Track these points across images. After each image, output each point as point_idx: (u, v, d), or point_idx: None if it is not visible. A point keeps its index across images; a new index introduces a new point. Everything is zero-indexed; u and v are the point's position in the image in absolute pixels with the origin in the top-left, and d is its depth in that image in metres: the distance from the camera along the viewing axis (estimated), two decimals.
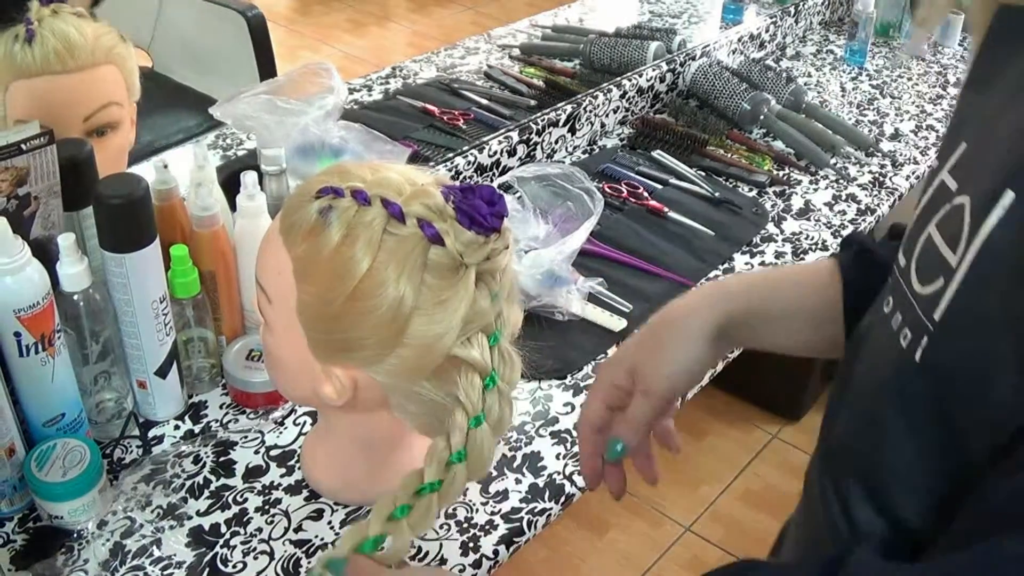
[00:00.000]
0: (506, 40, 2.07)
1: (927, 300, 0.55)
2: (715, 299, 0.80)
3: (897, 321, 0.58)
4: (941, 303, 0.53)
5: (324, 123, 1.27)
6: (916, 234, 0.59)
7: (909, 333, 0.56)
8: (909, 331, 0.56)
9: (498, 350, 0.82)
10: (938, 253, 0.55)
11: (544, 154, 1.67)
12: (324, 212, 0.79)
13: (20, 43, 1.05)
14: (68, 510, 0.94)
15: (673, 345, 0.78)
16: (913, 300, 0.57)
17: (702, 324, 0.79)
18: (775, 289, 0.82)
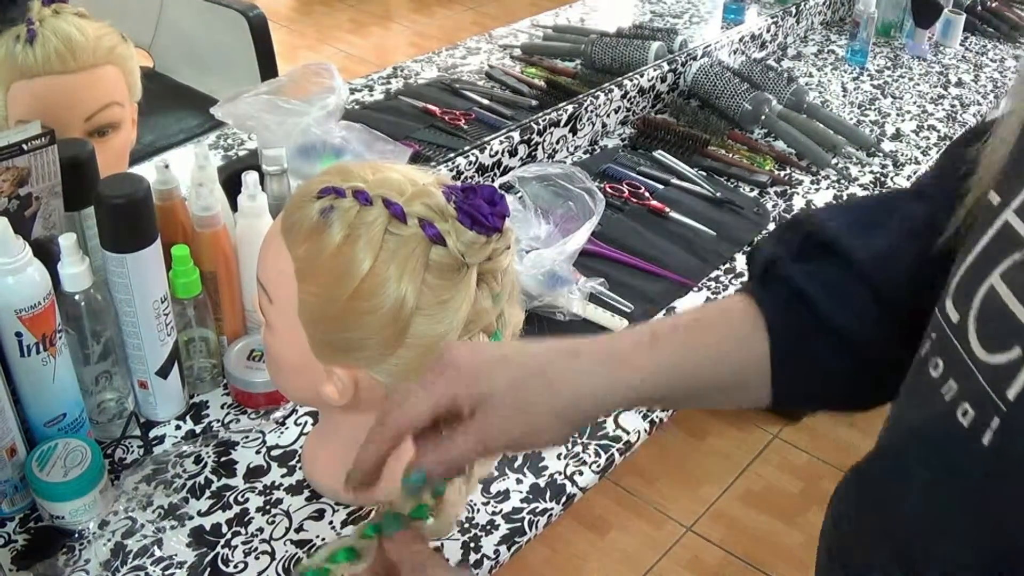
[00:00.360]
0: (507, 40, 2.07)
1: (997, 372, 0.46)
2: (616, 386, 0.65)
3: (952, 392, 0.49)
4: (1019, 378, 0.45)
5: (325, 123, 1.27)
6: (972, 283, 0.50)
7: (971, 410, 0.47)
8: (971, 407, 0.48)
9: None
10: (1010, 314, 0.46)
11: (545, 154, 1.67)
12: (325, 212, 0.79)
13: (21, 43, 1.06)
14: (69, 510, 0.94)
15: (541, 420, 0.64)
16: (975, 368, 0.48)
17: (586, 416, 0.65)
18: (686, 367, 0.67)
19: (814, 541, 0.67)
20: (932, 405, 0.50)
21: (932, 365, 0.52)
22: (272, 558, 0.94)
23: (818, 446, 2.37)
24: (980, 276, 0.49)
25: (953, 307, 0.51)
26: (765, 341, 0.67)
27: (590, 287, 1.32)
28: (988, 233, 0.50)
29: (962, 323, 0.50)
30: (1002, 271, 0.48)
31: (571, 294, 1.29)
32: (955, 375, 0.49)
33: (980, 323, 0.49)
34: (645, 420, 1.14)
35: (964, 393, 0.48)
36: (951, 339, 0.51)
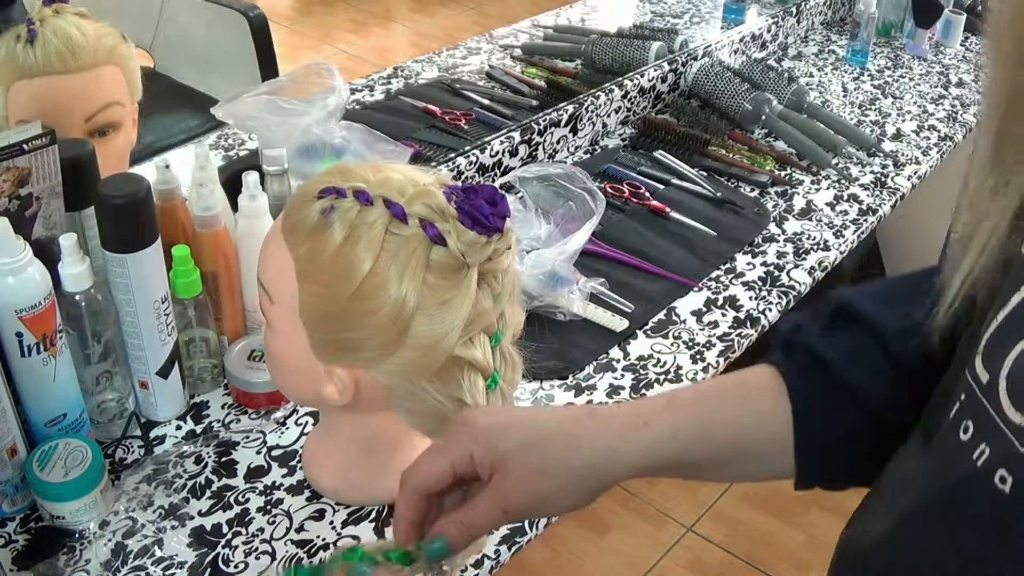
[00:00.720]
0: (508, 40, 2.07)
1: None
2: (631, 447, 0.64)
3: (985, 456, 0.47)
4: None
5: (326, 123, 1.27)
6: (1004, 343, 0.48)
7: (1009, 476, 0.45)
8: (1008, 474, 0.45)
9: (500, 351, 0.82)
10: None
11: (546, 154, 1.67)
12: (326, 212, 0.79)
13: (22, 43, 1.06)
14: (70, 510, 0.94)
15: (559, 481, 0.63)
16: (1008, 431, 0.46)
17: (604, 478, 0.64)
18: (706, 432, 0.66)
19: (814, 541, 0.67)
20: (966, 468, 0.48)
21: (963, 429, 0.49)
22: (273, 558, 0.94)
23: None
24: (1013, 335, 0.47)
25: (983, 367, 0.49)
26: (787, 406, 0.66)
27: (590, 287, 1.32)
28: (1021, 290, 0.48)
29: (992, 384, 0.48)
30: None
31: (571, 294, 1.28)
32: (988, 439, 0.47)
33: (1012, 384, 0.46)
34: None
35: (1000, 458, 0.46)
36: (981, 401, 0.48)
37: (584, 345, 1.25)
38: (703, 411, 0.66)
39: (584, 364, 1.22)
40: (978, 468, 0.47)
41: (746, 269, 1.45)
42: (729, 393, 0.68)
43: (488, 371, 0.80)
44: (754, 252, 1.49)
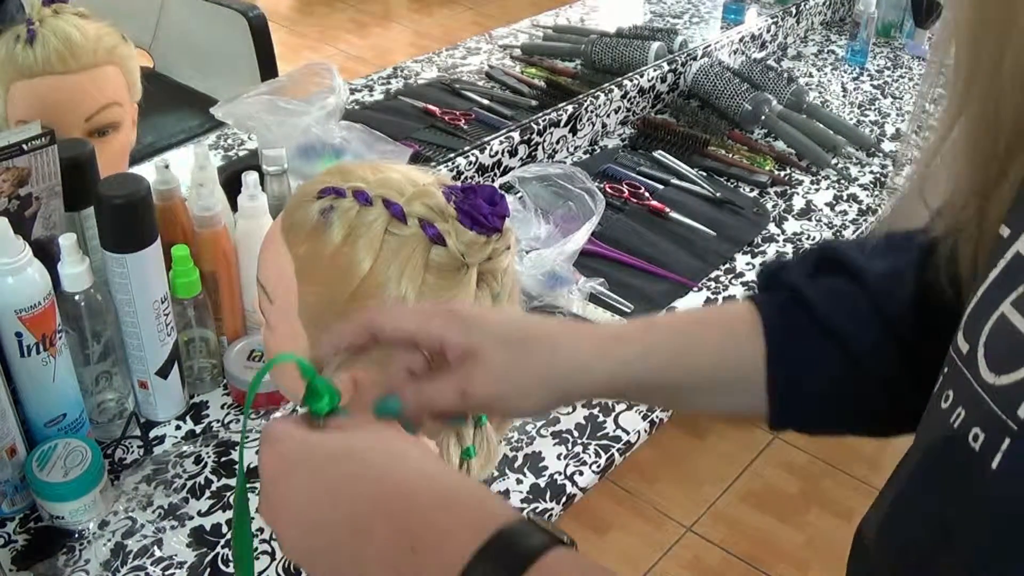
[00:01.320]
0: (507, 40, 2.07)
1: (1005, 392, 0.45)
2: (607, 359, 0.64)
3: (960, 418, 0.48)
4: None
5: (325, 123, 1.27)
6: (982, 314, 0.49)
7: (981, 433, 0.46)
8: (981, 431, 0.46)
9: None
10: (1019, 335, 0.46)
11: (545, 154, 1.67)
12: (326, 212, 0.79)
13: (21, 43, 1.06)
14: (69, 510, 0.94)
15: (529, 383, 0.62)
16: (983, 393, 0.47)
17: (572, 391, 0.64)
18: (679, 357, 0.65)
19: (814, 541, 0.67)
20: (942, 433, 0.49)
21: (944, 398, 0.51)
22: (272, 558, 0.94)
23: (818, 446, 2.37)
24: (990, 307, 0.48)
25: (963, 339, 0.50)
26: (761, 341, 0.65)
27: (590, 287, 1.32)
28: (999, 265, 0.49)
29: (971, 353, 0.49)
30: (1013, 299, 0.47)
31: (571, 294, 1.29)
32: (964, 402, 0.48)
33: (989, 348, 0.48)
34: (645, 420, 1.14)
35: (973, 418, 0.47)
36: (962, 370, 0.49)
37: None
38: (678, 336, 0.66)
39: None
40: (955, 430, 0.48)
41: (745, 269, 1.45)
42: (707, 323, 0.68)
43: None
44: (753, 252, 1.49)
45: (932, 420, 0.52)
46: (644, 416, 1.14)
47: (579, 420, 1.13)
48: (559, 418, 1.13)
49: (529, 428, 1.11)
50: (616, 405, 1.15)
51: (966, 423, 0.47)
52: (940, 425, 0.50)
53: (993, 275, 0.50)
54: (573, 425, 1.12)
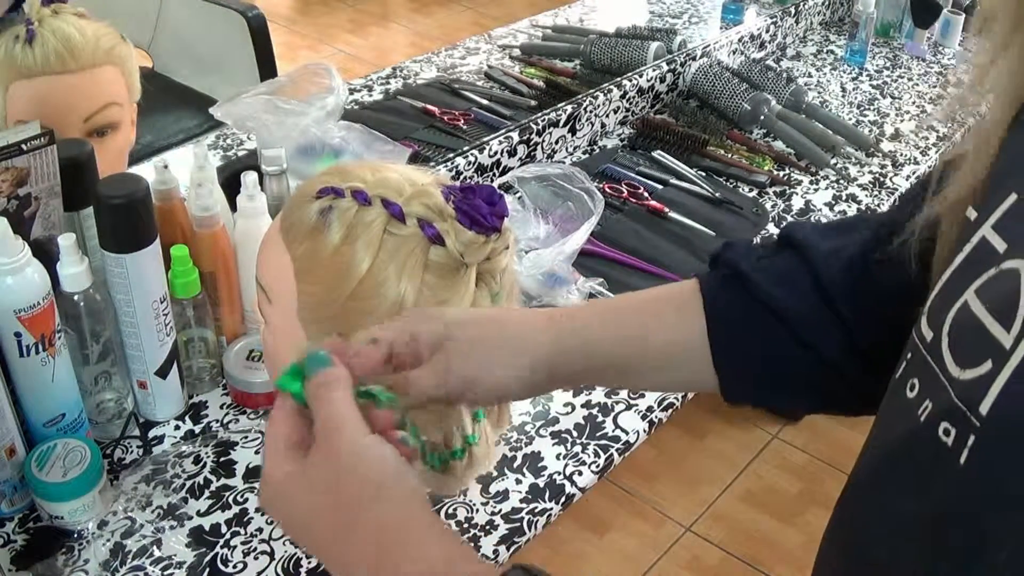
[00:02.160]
0: (506, 40, 2.07)
1: (969, 387, 0.45)
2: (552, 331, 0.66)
3: (928, 411, 0.47)
4: (991, 392, 0.43)
5: (324, 123, 1.27)
6: (946, 300, 0.49)
7: (952, 428, 0.45)
8: (951, 426, 0.45)
9: None
10: (983, 328, 0.45)
11: (544, 154, 1.67)
12: (325, 212, 0.79)
13: (21, 43, 1.06)
14: (68, 510, 0.94)
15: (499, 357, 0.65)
16: (948, 385, 0.46)
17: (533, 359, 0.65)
18: (618, 328, 0.68)
19: (813, 541, 0.67)
20: (909, 425, 0.48)
21: (909, 387, 0.50)
22: (271, 558, 0.94)
23: (818, 446, 2.37)
24: (954, 293, 0.48)
25: (927, 326, 0.50)
26: (702, 317, 0.68)
27: (589, 287, 1.32)
28: (964, 250, 0.49)
29: (935, 341, 0.48)
30: (977, 287, 0.47)
31: (570, 294, 1.28)
32: (930, 394, 0.47)
33: (953, 339, 0.47)
34: (644, 420, 1.14)
35: (941, 412, 0.46)
36: (926, 358, 0.49)
37: None
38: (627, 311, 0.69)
39: None
40: (921, 423, 0.47)
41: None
42: (656, 300, 0.71)
43: None
44: None
45: (897, 408, 0.51)
46: (643, 416, 1.14)
47: (578, 420, 1.13)
48: (558, 418, 1.13)
49: (528, 428, 1.11)
50: (615, 405, 1.15)
51: (934, 416, 0.47)
52: (906, 415, 0.49)
53: (958, 260, 0.49)
54: (572, 425, 1.12)
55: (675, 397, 1.17)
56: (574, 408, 1.15)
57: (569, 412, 1.14)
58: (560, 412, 1.14)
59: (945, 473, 0.45)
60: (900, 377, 0.52)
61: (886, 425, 0.54)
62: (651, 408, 1.16)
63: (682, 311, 0.68)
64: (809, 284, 0.65)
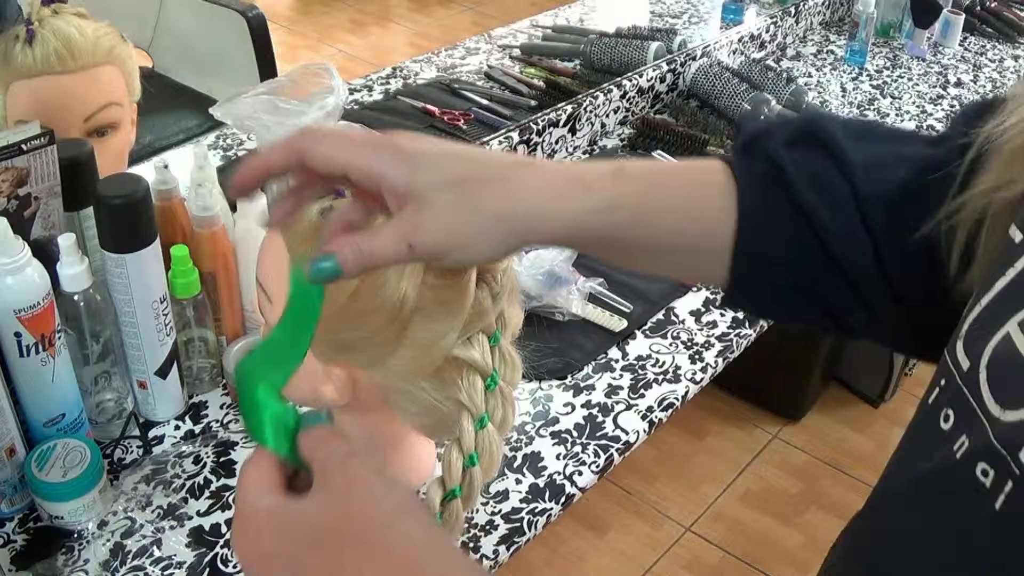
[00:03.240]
0: (506, 40, 2.07)
1: (1010, 431, 0.42)
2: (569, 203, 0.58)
3: (964, 448, 0.44)
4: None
5: (324, 123, 1.27)
6: (985, 328, 0.45)
7: (991, 470, 0.42)
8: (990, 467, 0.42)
9: (499, 351, 0.82)
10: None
11: (544, 154, 1.67)
12: (325, 212, 0.79)
13: (20, 43, 1.06)
14: (68, 510, 0.94)
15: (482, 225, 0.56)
16: (987, 424, 0.43)
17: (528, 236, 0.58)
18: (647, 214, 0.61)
19: (813, 541, 0.67)
20: (945, 460, 0.46)
21: (943, 417, 0.47)
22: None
23: (818, 446, 2.37)
24: (995, 322, 0.45)
25: (964, 353, 0.46)
26: (732, 207, 0.61)
27: (589, 287, 1.32)
28: (1008, 275, 0.45)
29: (972, 372, 0.45)
30: (1021, 319, 0.43)
31: (570, 294, 1.29)
32: (967, 430, 0.44)
33: (993, 374, 0.44)
34: (644, 420, 1.14)
35: (979, 451, 0.43)
36: (962, 389, 0.46)
37: (583, 345, 1.25)
38: (649, 191, 0.61)
39: (583, 364, 1.22)
40: (957, 460, 0.45)
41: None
42: (678, 181, 0.63)
43: (487, 371, 0.79)
44: None
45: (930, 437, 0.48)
46: (643, 416, 1.14)
47: (578, 420, 1.13)
48: (558, 418, 1.13)
49: (528, 428, 1.11)
50: (615, 405, 1.15)
51: (972, 455, 0.44)
52: (941, 448, 0.46)
53: (1001, 284, 0.46)
54: (572, 425, 1.12)
55: (675, 397, 1.17)
56: (574, 408, 1.15)
57: (569, 412, 1.14)
58: (560, 412, 1.14)
59: (981, 515, 0.43)
60: (933, 404, 0.49)
61: (918, 452, 0.50)
62: (651, 408, 1.16)
63: (710, 199, 0.62)
64: (846, 194, 0.60)
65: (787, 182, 0.60)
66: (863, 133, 0.63)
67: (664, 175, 0.63)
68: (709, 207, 0.62)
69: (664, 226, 0.61)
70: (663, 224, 0.61)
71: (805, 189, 0.60)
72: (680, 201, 0.62)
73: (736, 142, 0.67)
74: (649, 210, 0.60)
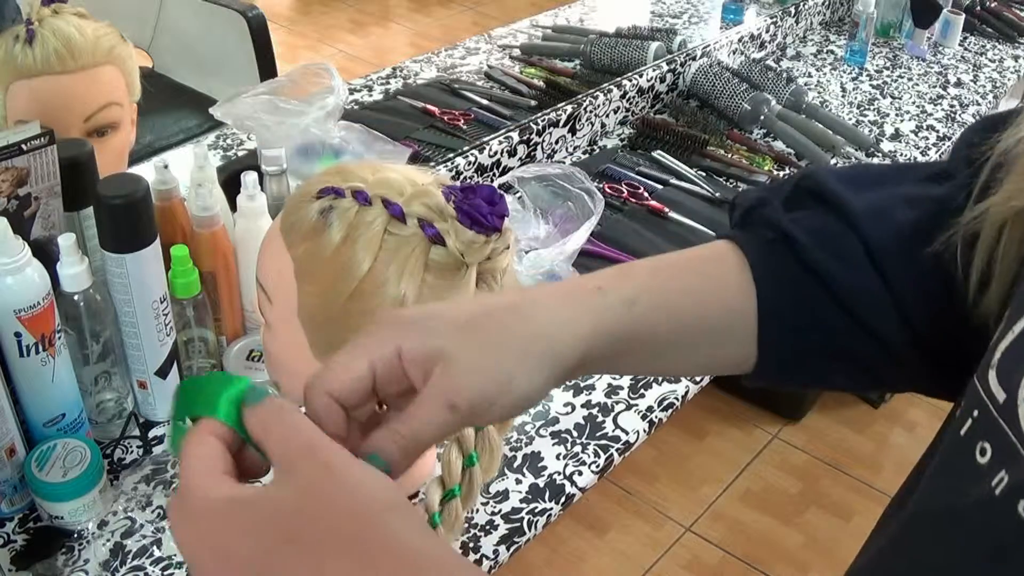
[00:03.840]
0: (506, 40, 2.07)
1: None
2: (593, 315, 0.55)
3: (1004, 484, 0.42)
4: None
5: (324, 123, 1.27)
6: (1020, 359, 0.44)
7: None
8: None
9: None
10: None
11: (544, 154, 1.67)
12: (325, 212, 0.79)
13: (21, 43, 1.05)
14: (68, 510, 0.94)
15: (511, 361, 0.51)
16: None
17: (560, 353, 0.53)
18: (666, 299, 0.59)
19: (813, 541, 0.67)
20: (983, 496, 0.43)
21: (979, 451, 0.44)
22: None
23: (817, 446, 2.37)
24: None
25: (998, 385, 0.44)
26: (749, 280, 0.59)
27: None
28: None
29: (1010, 404, 0.43)
30: None
31: None
32: (1007, 465, 0.42)
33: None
34: (644, 420, 1.14)
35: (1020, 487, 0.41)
36: (998, 422, 0.43)
37: None
38: (662, 280, 0.59)
39: None
40: (996, 496, 0.42)
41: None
42: (689, 264, 0.61)
43: None
44: None
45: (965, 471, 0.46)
46: (643, 416, 1.14)
47: (578, 420, 1.13)
48: (558, 418, 1.13)
49: (528, 428, 1.11)
50: (615, 405, 1.15)
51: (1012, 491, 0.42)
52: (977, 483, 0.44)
53: None
54: (572, 425, 1.12)
55: (675, 397, 1.17)
56: (574, 408, 1.15)
57: (569, 412, 1.14)
58: (560, 412, 1.14)
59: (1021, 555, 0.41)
60: (966, 436, 0.46)
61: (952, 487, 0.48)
62: (651, 408, 1.16)
63: (723, 280, 0.59)
64: (854, 245, 0.58)
65: (793, 246, 0.59)
66: (857, 179, 0.62)
67: (672, 262, 0.61)
68: (726, 284, 0.59)
69: (686, 310, 0.59)
70: (684, 308, 0.59)
71: (813, 249, 0.58)
72: (697, 282, 0.60)
73: (733, 218, 0.65)
74: (668, 296, 0.58)
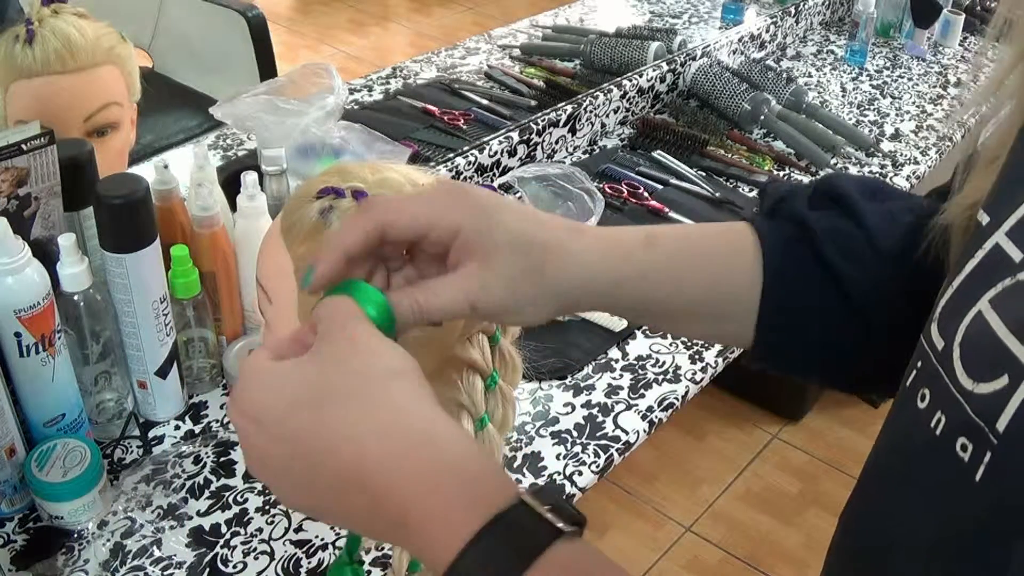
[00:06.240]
0: (507, 40, 2.07)
1: (984, 402, 0.43)
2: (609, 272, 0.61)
3: (942, 425, 0.46)
4: (1008, 409, 0.42)
5: (324, 123, 1.27)
6: (958, 308, 0.47)
7: (969, 444, 0.44)
8: (968, 441, 0.44)
9: (499, 351, 0.82)
10: (998, 341, 0.43)
11: (544, 154, 1.67)
12: (325, 212, 0.79)
13: (21, 43, 1.06)
14: (68, 510, 0.94)
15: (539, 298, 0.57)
16: (962, 399, 0.45)
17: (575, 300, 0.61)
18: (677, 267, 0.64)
19: (813, 541, 0.67)
20: (924, 438, 0.47)
21: (920, 397, 0.48)
22: (271, 558, 0.94)
23: (817, 446, 2.37)
24: (967, 301, 0.46)
25: (938, 334, 0.48)
26: (758, 268, 0.63)
27: None
28: (977, 256, 0.47)
29: (947, 351, 0.47)
30: (991, 297, 0.45)
31: None
32: (943, 406, 0.46)
33: (966, 351, 0.46)
34: (644, 420, 1.14)
35: (956, 425, 0.45)
36: (937, 369, 0.47)
37: (583, 345, 1.25)
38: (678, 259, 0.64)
39: (583, 364, 1.22)
40: (936, 436, 0.46)
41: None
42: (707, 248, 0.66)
43: (487, 372, 0.79)
44: None
45: (907, 418, 0.50)
46: (643, 416, 1.14)
47: (578, 420, 1.13)
48: (558, 418, 1.13)
49: (528, 428, 1.12)
50: (615, 405, 1.15)
51: (950, 430, 0.45)
52: (918, 427, 0.48)
53: (970, 266, 0.48)
54: (572, 425, 1.12)
55: (675, 397, 1.17)
56: (574, 408, 1.15)
57: (569, 412, 1.14)
58: (560, 412, 1.14)
59: (964, 490, 0.44)
60: (910, 386, 0.50)
61: (897, 434, 0.52)
62: (651, 408, 1.16)
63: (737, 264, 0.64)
64: (863, 245, 0.63)
65: (813, 239, 0.63)
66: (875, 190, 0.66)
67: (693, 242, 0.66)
68: (736, 272, 0.64)
69: (693, 292, 0.64)
70: (692, 290, 0.64)
71: (829, 245, 0.63)
72: (708, 261, 0.64)
73: (763, 205, 0.70)
74: (679, 277, 0.63)
